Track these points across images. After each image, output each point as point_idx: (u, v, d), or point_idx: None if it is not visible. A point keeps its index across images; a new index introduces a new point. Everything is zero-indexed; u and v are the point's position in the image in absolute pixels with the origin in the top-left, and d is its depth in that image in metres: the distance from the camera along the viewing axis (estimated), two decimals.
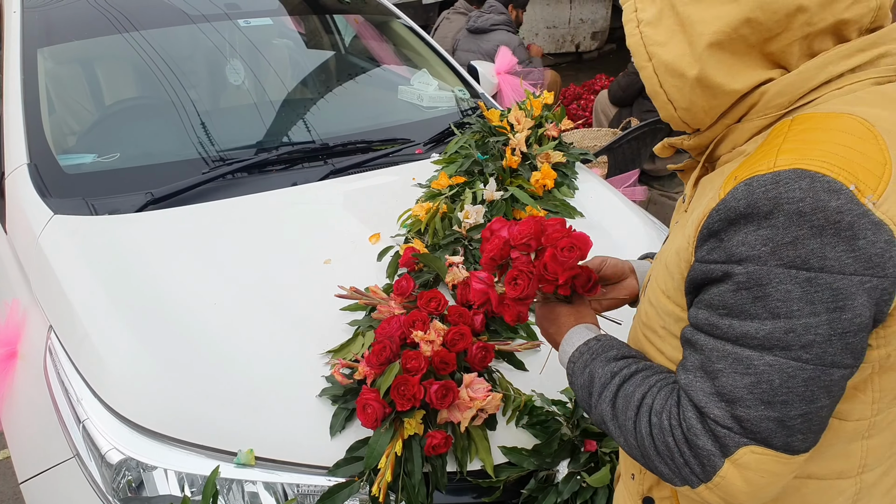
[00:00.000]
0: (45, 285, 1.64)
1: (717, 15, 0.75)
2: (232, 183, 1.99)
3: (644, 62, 0.81)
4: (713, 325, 0.76)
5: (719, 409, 0.75)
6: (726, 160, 0.84)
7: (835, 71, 0.76)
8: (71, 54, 2.43)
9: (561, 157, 2.19)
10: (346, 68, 2.97)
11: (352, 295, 1.59)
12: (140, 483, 1.30)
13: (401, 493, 1.28)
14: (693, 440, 0.77)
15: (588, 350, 0.95)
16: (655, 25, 0.80)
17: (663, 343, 0.90)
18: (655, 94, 0.83)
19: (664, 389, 0.83)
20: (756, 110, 0.79)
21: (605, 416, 0.89)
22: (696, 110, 0.81)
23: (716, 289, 0.75)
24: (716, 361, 0.75)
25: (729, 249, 0.73)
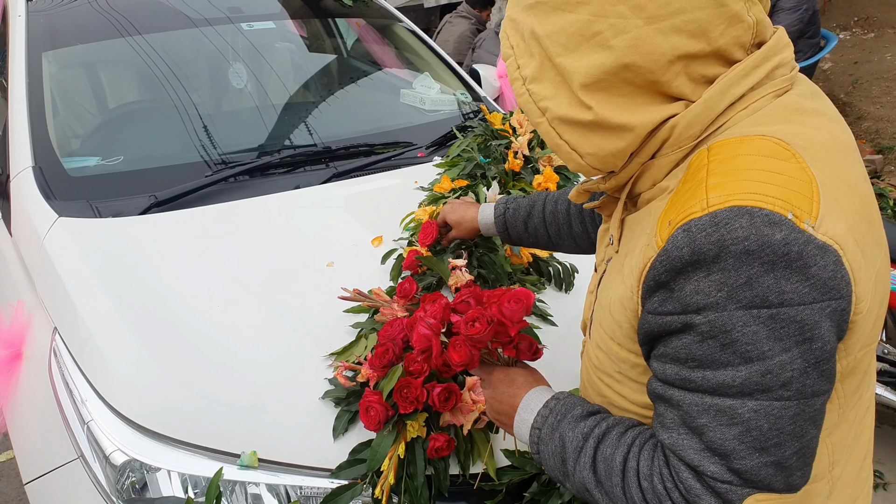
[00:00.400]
0: (49, 287, 1.65)
1: (591, 64, 0.74)
2: (235, 186, 2.00)
3: (538, 118, 0.80)
4: (685, 380, 0.74)
5: (714, 465, 0.73)
6: (648, 197, 0.83)
7: (737, 93, 0.75)
8: (75, 58, 2.44)
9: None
10: (349, 72, 2.98)
11: (355, 297, 1.60)
12: (144, 484, 1.31)
13: (403, 496, 1.29)
14: (695, 501, 0.75)
15: (552, 413, 0.92)
16: (540, 81, 0.79)
17: (622, 387, 0.89)
18: (557, 146, 0.80)
19: (645, 449, 0.81)
20: (669, 144, 0.78)
21: (587, 484, 0.85)
22: (603, 154, 0.79)
23: (678, 341, 0.74)
24: (697, 416, 0.73)
25: (683, 300, 0.71)
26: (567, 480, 0.89)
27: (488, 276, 1.70)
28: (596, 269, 1.02)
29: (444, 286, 1.69)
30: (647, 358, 0.82)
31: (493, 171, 2.10)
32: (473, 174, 2.12)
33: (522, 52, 0.80)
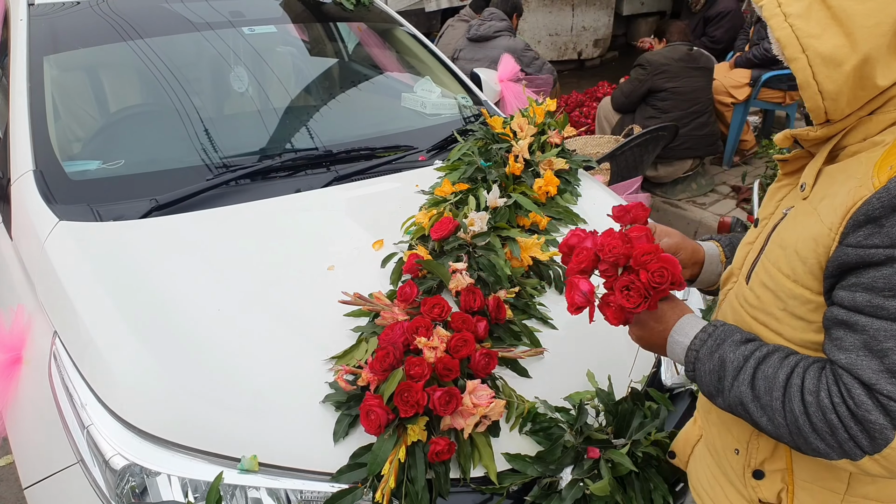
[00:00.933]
0: (49, 291, 1.64)
1: (878, 8, 0.78)
2: (236, 189, 2.00)
3: (797, 53, 0.83)
4: (878, 307, 0.79)
5: (891, 384, 0.78)
6: (856, 150, 0.87)
7: None
8: (77, 62, 2.45)
9: (564, 164, 2.19)
10: (350, 75, 2.98)
11: (355, 301, 1.60)
12: (144, 489, 1.30)
13: (404, 500, 1.28)
14: (864, 415, 0.79)
15: (711, 336, 0.97)
16: (806, 18, 0.82)
17: (780, 325, 0.93)
18: (807, 84, 0.84)
19: (811, 370, 0.86)
20: (894, 102, 0.83)
21: (743, 398, 0.91)
22: (841, 100, 0.83)
23: (877, 272, 0.78)
24: (883, 340, 0.78)
25: (893, 234, 0.76)
26: (720, 396, 0.95)
27: (488, 278, 1.70)
28: (756, 225, 1.07)
29: (444, 289, 1.69)
30: (827, 292, 0.86)
31: (493, 175, 2.10)
32: (474, 178, 2.12)
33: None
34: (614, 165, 3.79)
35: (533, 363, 1.55)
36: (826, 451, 0.84)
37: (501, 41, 4.55)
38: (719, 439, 1.11)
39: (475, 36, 4.61)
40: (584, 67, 8.45)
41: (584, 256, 1.09)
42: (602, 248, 1.06)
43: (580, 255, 1.10)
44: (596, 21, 8.21)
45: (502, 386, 1.48)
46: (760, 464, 1.02)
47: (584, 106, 5.31)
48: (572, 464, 1.38)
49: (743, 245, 1.08)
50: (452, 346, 1.42)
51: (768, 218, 1.04)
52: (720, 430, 1.10)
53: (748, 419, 0.92)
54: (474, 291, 1.59)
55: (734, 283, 1.08)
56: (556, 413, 1.45)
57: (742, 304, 1.01)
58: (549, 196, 2.08)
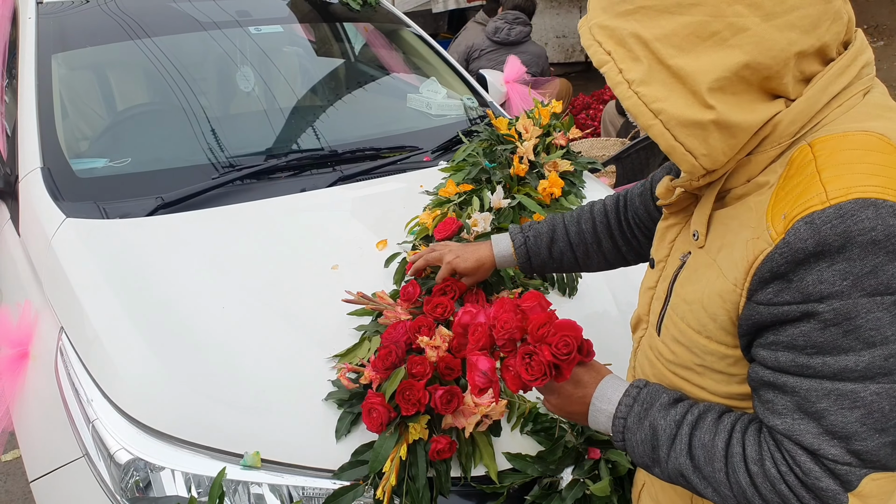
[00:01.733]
0: (56, 287, 1.66)
1: (712, 62, 0.75)
2: (241, 188, 2.01)
3: (651, 121, 0.79)
4: (803, 366, 0.76)
5: (834, 447, 0.75)
6: (742, 192, 0.84)
7: (834, 90, 0.78)
8: (84, 60, 2.47)
9: (569, 166, 2.20)
10: (356, 76, 3.00)
11: (358, 300, 1.61)
12: (148, 483, 1.32)
13: (405, 498, 1.29)
14: (814, 483, 0.77)
15: (636, 402, 0.94)
16: (648, 84, 0.78)
17: (702, 379, 0.90)
18: (672, 148, 0.80)
19: (749, 434, 0.83)
20: (769, 141, 0.80)
21: (683, 470, 0.87)
22: (716, 154, 0.79)
23: (794, 329, 0.75)
24: (816, 402, 0.75)
25: (804, 289, 0.73)
26: (657, 466, 0.91)
27: (491, 278, 1.71)
28: (653, 266, 1.03)
29: None
30: (745, 348, 0.84)
31: (497, 176, 2.11)
32: (478, 178, 2.13)
33: (623, 57, 0.79)
34: (620, 168, 3.80)
35: None
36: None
37: (529, 47, 4.61)
38: (662, 495, 1.07)
39: (505, 40, 4.62)
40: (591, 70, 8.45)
41: (479, 334, 1.06)
42: (494, 324, 1.02)
43: (475, 333, 1.07)
44: None
45: (503, 386, 1.48)
46: None
47: (590, 108, 5.31)
48: (573, 464, 1.38)
49: (644, 291, 1.05)
50: (454, 345, 1.43)
51: (664, 261, 1.00)
52: (662, 485, 1.07)
53: (691, 489, 0.89)
54: (477, 292, 1.59)
55: (644, 329, 1.05)
56: None
57: (658, 358, 0.98)
58: (553, 198, 2.08)
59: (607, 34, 0.81)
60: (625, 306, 1.73)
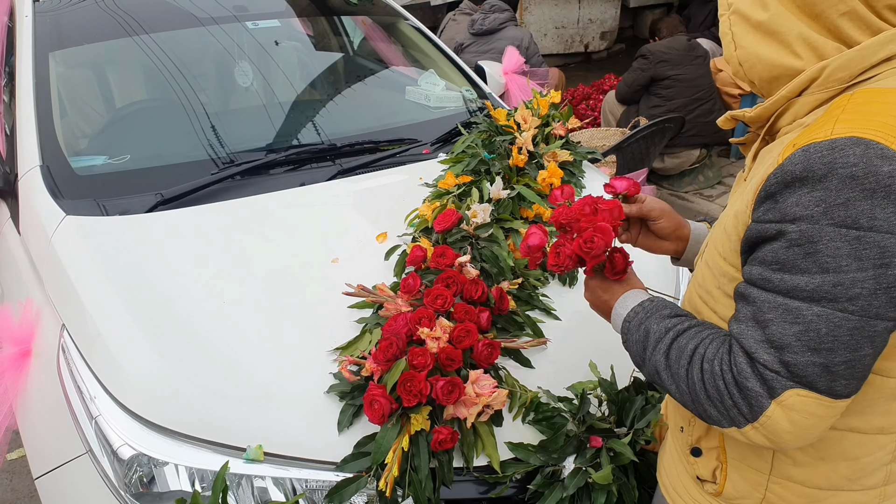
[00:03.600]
0: (57, 285, 1.66)
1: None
2: (241, 183, 2.01)
3: (724, 10, 0.91)
4: (765, 279, 0.82)
5: (768, 354, 0.81)
6: (786, 132, 0.89)
7: (893, 49, 0.80)
8: (82, 58, 2.46)
9: (568, 156, 2.19)
10: (354, 69, 2.99)
11: (359, 293, 1.61)
12: (151, 478, 1.32)
13: (408, 488, 1.30)
14: (742, 382, 0.83)
15: (643, 309, 1.02)
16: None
17: (716, 304, 0.95)
18: (724, 33, 0.91)
19: (716, 340, 0.90)
20: (817, 84, 0.84)
21: (658, 367, 0.95)
22: (750, 52, 0.88)
23: (769, 246, 0.81)
24: (766, 312, 0.81)
25: (783, 209, 0.78)
26: (644, 366, 1.00)
27: (491, 269, 1.71)
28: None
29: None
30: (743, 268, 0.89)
31: (497, 167, 2.10)
32: (478, 170, 2.12)
33: None
34: (620, 158, 3.79)
35: (536, 353, 1.56)
36: (718, 418, 0.87)
37: (508, 32, 4.55)
38: (672, 419, 1.14)
39: (480, 30, 4.60)
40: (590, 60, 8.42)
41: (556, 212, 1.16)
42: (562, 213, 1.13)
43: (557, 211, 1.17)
44: (603, 13, 8.16)
45: (505, 376, 1.49)
46: (697, 440, 1.05)
47: (590, 99, 5.30)
48: (575, 453, 1.38)
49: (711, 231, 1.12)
50: (455, 336, 1.43)
51: None
52: (673, 409, 1.14)
53: (663, 387, 0.97)
54: (477, 282, 1.59)
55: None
56: (559, 403, 1.45)
57: (693, 284, 1.04)
58: (552, 188, 2.08)
59: None
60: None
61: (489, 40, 4.56)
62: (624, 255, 1.11)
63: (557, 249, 1.10)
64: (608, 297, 1.10)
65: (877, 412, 0.87)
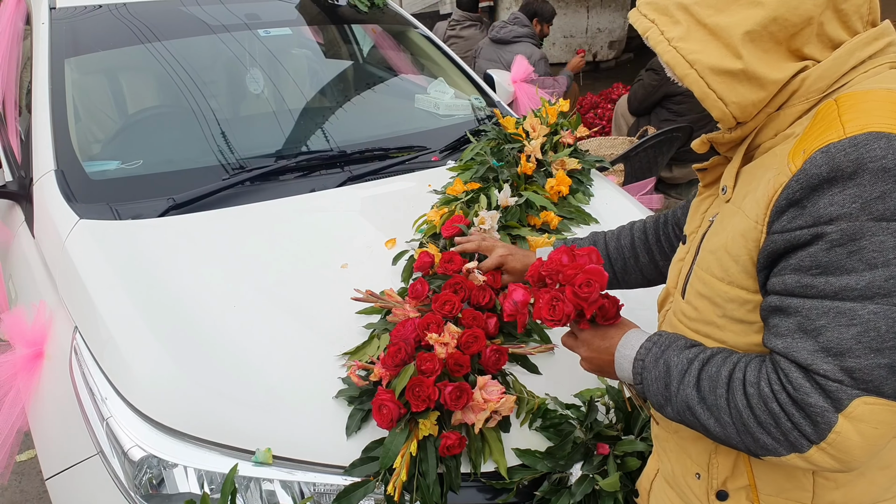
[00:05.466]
0: (70, 287, 1.68)
1: (745, 17, 0.84)
2: (251, 189, 2.03)
3: (686, 70, 0.88)
4: (807, 286, 0.79)
5: (827, 363, 0.77)
6: (770, 146, 0.90)
7: (861, 56, 0.84)
8: (97, 64, 2.50)
9: (576, 164, 2.20)
10: (364, 77, 3.01)
11: (367, 298, 1.62)
12: (161, 480, 1.33)
13: (415, 493, 1.30)
14: (803, 399, 0.78)
15: (656, 344, 0.98)
16: (687, 40, 0.88)
17: (722, 332, 0.93)
18: (705, 95, 0.88)
19: (753, 363, 0.86)
20: (798, 95, 0.86)
21: (690, 402, 0.90)
22: (745, 103, 0.87)
23: (804, 252, 0.79)
24: (816, 319, 0.78)
25: (815, 213, 0.77)
26: (668, 404, 0.94)
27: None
28: (684, 242, 1.09)
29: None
30: (762, 285, 0.87)
31: (505, 175, 2.12)
32: (486, 177, 2.14)
33: (665, 22, 0.90)
34: (628, 166, 3.79)
35: (543, 360, 1.57)
36: (774, 446, 0.82)
37: (519, 47, 4.57)
38: (679, 466, 1.08)
39: (496, 38, 4.64)
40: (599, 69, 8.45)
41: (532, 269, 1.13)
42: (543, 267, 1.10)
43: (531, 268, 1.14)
44: (611, 23, 8.19)
45: (513, 382, 1.49)
46: (723, 483, 0.99)
47: (598, 108, 5.31)
48: (582, 460, 1.38)
49: (674, 263, 1.09)
50: (463, 342, 1.44)
51: (695, 231, 1.05)
52: (678, 456, 1.08)
53: (696, 425, 0.91)
54: (485, 288, 1.60)
55: (671, 302, 1.08)
56: (567, 409, 1.46)
57: (681, 320, 1.00)
58: (561, 196, 2.09)
59: (652, 7, 0.93)
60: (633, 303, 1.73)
61: (500, 50, 4.58)
62: (612, 299, 1.07)
63: (553, 303, 1.05)
64: (608, 344, 1.05)
65: None
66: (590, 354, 1.09)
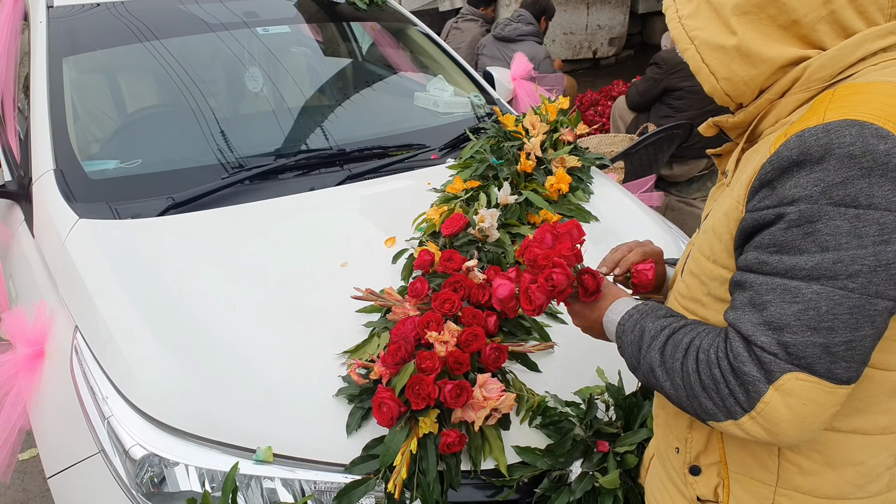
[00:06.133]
0: (70, 287, 1.68)
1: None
2: (251, 188, 2.03)
3: (687, 45, 0.92)
4: (762, 262, 0.81)
5: (766, 336, 0.80)
6: (770, 132, 0.90)
7: (871, 48, 0.83)
8: (95, 63, 2.49)
9: (576, 162, 2.20)
10: (363, 75, 3.01)
11: (367, 297, 1.62)
12: (162, 478, 1.34)
13: (416, 491, 1.31)
14: (739, 367, 0.82)
15: (637, 311, 1.02)
16: (694, 17, 0.92)
17: (706, 311, 0.95)
18: (699, 69, 0.92)
19: (712, 332, 0.89)
20: (800, 84, 0.86)
21: (653, 364, 0.94)
22: (736, 81, 0.89)
23: (766, 231, 0.81)
24: (764, 294, 0.81)
25: (781, 193, 0.79)
26: (638, 366, 0.98)
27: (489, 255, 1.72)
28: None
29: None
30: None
31: (505, 173, 2.11)
32: (485, 175, 2.14)
33: (682, 1, 0.95)
34: (628, 164, 3.79)
35: (543, 358, 1.57)
36: (714, 410, 0.85)
37: (524, 46, 4.57)
38: (663, 441, 1.10)
39: (500, 35, 4.63)
40: (599, 66, 8.43)
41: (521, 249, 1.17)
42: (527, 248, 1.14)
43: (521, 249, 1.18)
44: (611, 19, 8.17)
45: (512, 380, 1.50)
46: (696, 458, 1.02)
47: (598, 105, 5.30)
48: (582, 457, 1.39)
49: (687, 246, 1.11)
50: (463, 340, 1.44)
51: (705, 217, 1.06)
52: (664, 431, 1.10)
53: (658, 387, 0.95)
54: (485, 286, 1.60)
55: (675, 282, 1.10)
56: (566, 407, 1.46)
57: (676, 298, 1.03)
58: (560, 193, 2.09)
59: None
60: None
61: (505, 47, 4.58)
62: (593, 275, 1.10)
63: (528, 294, 1.09)
64: (597, 314, 1.10)
65: (879, 410, 0.87)
66: (583, 324, 1.14)
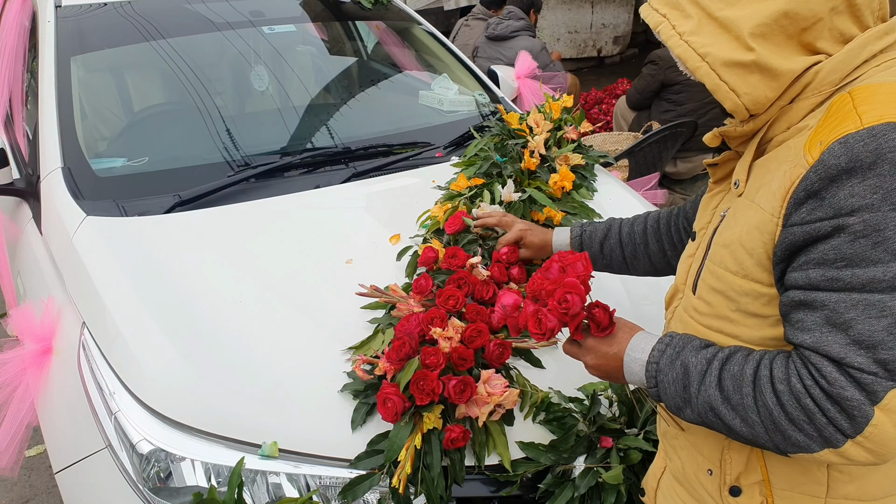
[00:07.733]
0: (78, 283, 1.70)
1: (755, 10, 0.84)
2: (257, 186, 2.04)
3: (698, 63, 0.88)
4: (833, 279, 0.78)
5: (860, 356, 0.76)
6: (783, 139, 0.89)
7: (874, 49, 0.85)
8: (102, 62, 2.51)
9: (580, 160, 2.21)
10: (368, 74, 3.02)
11: (372, 293, 1.63)
12: (168, 473, 1.35)
13: (420, 486, 1.31)
14: (839, 393, 0.77)
15: (669, 346, 0.96)
16: (698, 34, 0.88)
17: (735, 327, 0.92)
18: (717, 87, 0.88)
19: (778, 359, 0.85)
20: (811, 88, 0.86)
21: (713, 403, 0.88)
22: (758, 94, 0.87)
23: (825, 245, 0.78)
24: (844, 312, 0.77)
25: (835, 204, 0.77)
26: (687, 406, 0.92)
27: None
28: (694, 238, 1.08)
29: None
30: (779, 279, 0.86)
31: (508, 170, 2.12)
32: (489, 173, 2.14)
33: (676, 17, 0.91)
34: (632, 162, 3.79)
35: (546, 353, 1.57)
36: (806, 442, 0.80)
37: (519, 41, 4.56)
38: (690, 464, 1.07)
39: (493, 35, 4.62)
40: (603, 65, 8.43)
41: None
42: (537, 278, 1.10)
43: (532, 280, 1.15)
44: (616, 18, 8.17)
45: (516, 375, 1.50)
46: (736, 479, 0.98)
47: (603, 103, 5.31)
48: (585, 453, 1.40)
49: (683, 260, 1.08)
50: (467, 336, 1.45)
51: (706, 227, 1.04)
52: (689, 453, 1.07)
53: (720, 426, 0.89)
54: (488, 283, 1.61)
55: (680, 298, 1.07)
56: (570, 403, 1.46)
57: (692, 316, 0.99)
58: (564, 191, 2.09)
59: (663, 2, 0.93)
60: (637, 298, 1.74)
61: (501, 46, 4.58)
62: (604, 308, 1.05)
63: (538, 316, 1.04)
64: (615, 350, 1.03)
65: None
66: (597, 362, 1.06)
